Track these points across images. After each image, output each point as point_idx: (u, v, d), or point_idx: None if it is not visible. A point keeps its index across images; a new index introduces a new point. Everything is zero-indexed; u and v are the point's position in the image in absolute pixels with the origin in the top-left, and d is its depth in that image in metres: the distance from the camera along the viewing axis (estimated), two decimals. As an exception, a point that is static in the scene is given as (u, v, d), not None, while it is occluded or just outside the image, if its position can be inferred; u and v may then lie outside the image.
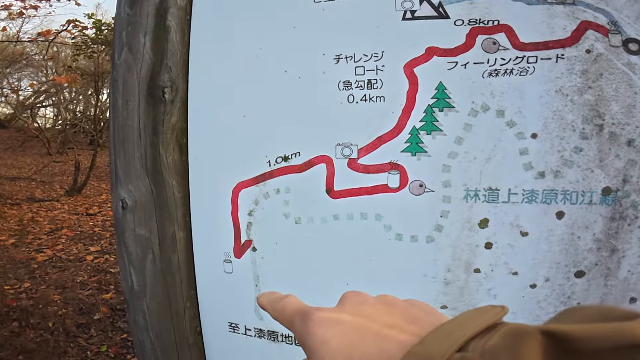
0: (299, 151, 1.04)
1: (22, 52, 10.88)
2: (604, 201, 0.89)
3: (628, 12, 0.88)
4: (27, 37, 9.91)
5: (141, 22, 1.14)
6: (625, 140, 0.88)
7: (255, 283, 1.13)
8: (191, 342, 1.25)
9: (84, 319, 3.36)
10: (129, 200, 1.16)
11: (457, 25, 0.93)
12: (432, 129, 0.95)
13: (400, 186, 0.98)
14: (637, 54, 0.88)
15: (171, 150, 1.16)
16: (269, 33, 1.07)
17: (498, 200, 0.93)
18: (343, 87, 1.00)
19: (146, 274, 1.20)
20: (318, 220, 1.04)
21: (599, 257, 0.91)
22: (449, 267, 0.97)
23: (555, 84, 0.89)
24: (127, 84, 1.15)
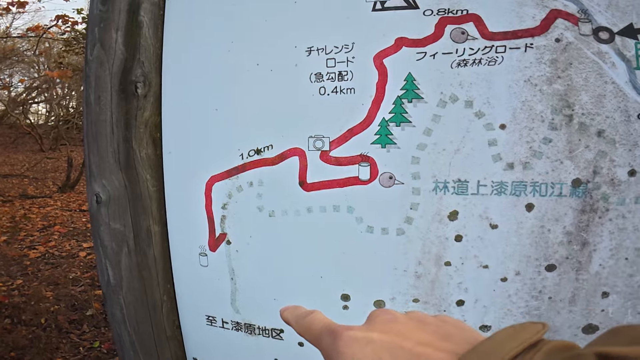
0: (271, 144, 1.04)
1: (12, 48, 10.81)
2: (574, 193, 0.89)
3: (599, 1, 0.87)
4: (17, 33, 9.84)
5: (113, 18, 1.14)
6: (595, 131, 0.87)
7: (231, 276, 1.13)
8: (169, 335, 1.25)
9: (76, 315, 3.35)
10: (103, 194, 1.16)
11: (426, 15, 0.93)
12: (401, 121, 0.94)
13: (370, 178, 0.97)
14: (608, 43, 0.87)
15: (145, 144, 1.15)
16: (241, 26, 1.06)
17: (467, 192, 0.92)
18: (315, 79, 1.00)
19: (122, 268, 1.20)
20: (292, 213, 1.04)
21: (570, 251, 0.91)
22: (419, 260, 0.97)
23: (524, 73, 0.89)
24: (100, 80, 1.15)
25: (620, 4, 0.87)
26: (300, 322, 0.44)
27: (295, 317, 0.46)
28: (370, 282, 1.02)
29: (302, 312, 0.46)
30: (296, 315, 0.46)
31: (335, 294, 1.05)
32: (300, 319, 0.45)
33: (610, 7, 0.87)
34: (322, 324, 0.41)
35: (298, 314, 0.46)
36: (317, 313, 0.44)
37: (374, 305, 1.02)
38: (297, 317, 0.46)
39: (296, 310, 0.47)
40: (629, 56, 0.86)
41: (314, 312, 0.44)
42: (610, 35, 0.87)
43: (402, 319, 0.38)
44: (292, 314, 0.47)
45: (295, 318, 0.46)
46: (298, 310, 0.47)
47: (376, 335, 0.36)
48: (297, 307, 0.48)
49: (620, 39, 0.86)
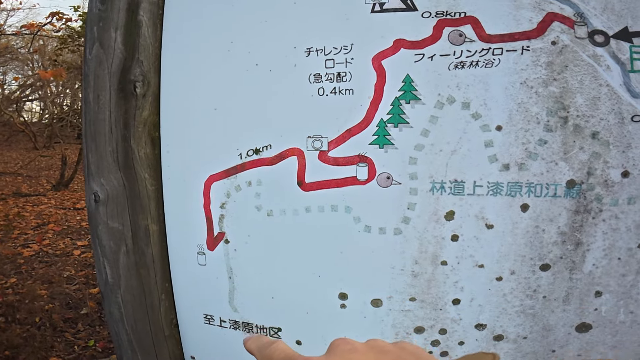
0: (270, 144, 1.05)
1: (6, 45, 10.75)
2: (569, 194, 0.90)
3: (595, 4, 0.88)
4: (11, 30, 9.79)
5: (112, 17, 1.14)
6: (590, 133, 0.89)
7: (229, 275, 1.14)
8: (167, 334, 1.26)
9: (71, 313, 3.34)
10: (101, 193, 1.16)
11: (425, 17, 0.94)
12: (399, 122, 0.95)
13: (368, 178, 0.98)
14: (603, 46, 0.88)
15: (143, 143, 1.16)
16: (241, 27, 1.07)
17: (463, 192, 0.94)
18: (314, 80, 1.01)
19: (120, 267, 1.20)
20: (290, 212, 1.05)
21: (564, 251, 0.93)
22: (416, 260, 0.98)
23: (520, 75, 0.90)
24: (98, 79, 1.15)
25: (616, 8, 0.88)
26: (263, 352, 0.45)
27: (257, 346, 0.46)
28: (368, 281, 1.03)
29: (264, 341, 0.46)
30: (259, 345, 0.46)
31: (332, 293, 1.06)
32: (262, 349, 0.45)
33: (606, 11, 0.88)
34: (283, 355, 0.42)
35: (260, 344, 0.46)
36: (280, 343, 0.45)
37: (371, 304, 1.03)
38: (259, 346, 0.46)
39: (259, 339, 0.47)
40: (624, 59, 0.88)
41: (276, 342, 0.45)
42: (606, 38, 0.88)
43: (361, 349, 0.39)
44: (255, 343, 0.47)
45: (258, 348, 0.46)
46: (261, 340, 0.47)
47: None
48: (260, 336, 0.48)
49: (615, 42, 0.88)
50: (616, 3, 0.88)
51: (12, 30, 9.67)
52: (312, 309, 1.09)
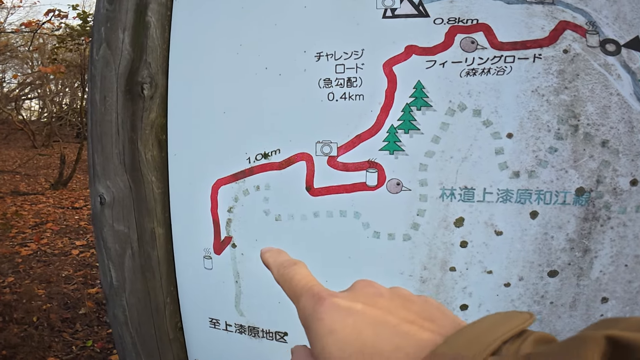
0: (279, 148, 1.04)
1: (6, 43, 10.73)
2: (578, 201, 0.90)
3: (607, 13, 0.88)
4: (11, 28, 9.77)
5: (120, 17, 1.13)
6: (600, 141, 0.89)
7: (236, 279, 1.13)
8: (172, 338, 1.25)
9: (69, 313, 3.33)
10: (107, 196, 1.15)
11: (437, 23, 0.94)
12: (410, 128, 0.95)
13: (378, 184, 0.98)
14: (614, 55, 0.88)
15: (150, 146, 1.15)
16: (250, 29, 1.06)
17: (473, 199, 0.93)
18: (323, 84, 1.01)
19: (125, 270, 1.20)
20: (298, 217, 1.05)
21: (572, 257, 0.93)
22: (425, 265, 0.98)
23: (531, 83, 0.90)
24: (105, 80, 1.14)
25: (628, 17, 0.88)
26: (282, 272, 0.42)
27: (277, 264, 0.44)
28: (375, 286, 1.03)
29: (284, 260, 0.44)
30: (278, 263, 0.44)
31: (339, 299, 1.05)
32: (281, 268, 0.43)
33: (618, 20, 0.88)
34: (304, 282, 0.39)
35: (280, 262, 0.43)
36: (302, 266, 0.42)
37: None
38: (279, 265, 0.43)
39: (279, 256, 0.45)
40: (634, 68, 0.88)
41: (297, 264, 0.42)
42: (617, 47, 0.88)
43: (387, 294, 0.37)
44: (274, 259, 0.45)
45: (276, 265, 0.43)
46: (281, 257, 0.44)
47: (360, 307, 0.34)
48: (280, 252, 0.46)
49: (627, 52, 0.88)
50: (628, 12, 0.88)
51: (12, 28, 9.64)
52: (319, 314, 1.08)
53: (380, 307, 0.34)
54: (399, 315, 0.34)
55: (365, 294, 0.37)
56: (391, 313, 0.34)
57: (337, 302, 0.35)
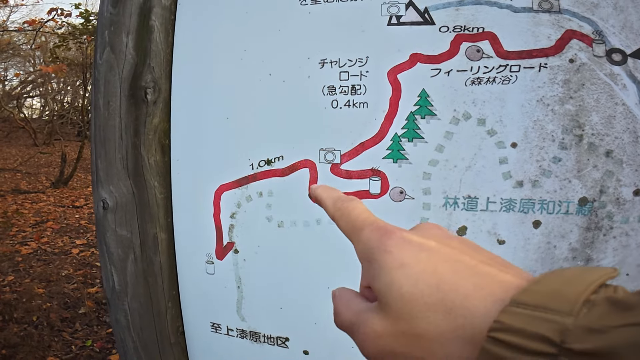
0: (282, 155, 1.04)
1: (9, 41, 10.74)
2: (581, 211, 0.90)
3: (614, 22, 0.88)
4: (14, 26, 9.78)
5: (124, 21, 1.13)
6: (604, 151, 0.89)
7: (238, 285, 1.13)
8: (173, 342, 1.25)
9: (68, 313, 3.33)
10: (110, 200, 1.15)
11: (442, 31, 0.93)
12: (414, 136, 0.95)
13: (381, 192, 0.98)
14: (620, 65, 0.88)
15: (153, 151, 1.15)
16: (254, 35, 1.06)
17: (477, 208, 0.93)
18: (327, 92, 1.00)
19: (127, 274, 1.20)
20: (301, 224, 1.05)
21: (574, 266, 0.93)
22: (428, 274, 0.98)
23: (537, 93, 0.90)
24: (109, 85, 1.14)
25: (635, 26, 0.88)
26: (339, 205, 0.41)
27: (332, 198, 0.42)
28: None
29: (340, 195, 0.42)
30: (334, 197, 0.42)
31: (341, 305, 1.05)
32: (338, 202, 0.41)
33: (625, 29, 0.88)
34: (365, 215, 0.38)
35: (336, 196, 0.42)
36: (359, 202, 0.40)
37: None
38: (335, 198, 0.42)
39: (333, 191, 0.43)
40: (640, 78, 0.88)
41: (354, 200, 0.40)
42: (623, 57, 0.88)
43: (456, 238, 0.35)
44: (327, 193, 0.43)
45: (332, 199, 0.42)
46: (335, 192, 0.43)
47: (433, 244, 0.33)
48: (333, 188, 0.44)
49: (633, 61, 0.88)
50: (635, 21, 0.88)
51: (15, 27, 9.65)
52: (321, 321, 1.08)
53: (454, 247, 0.33)
54: (474, 256, 0.32)
55: (434, 234, 0.35)
56: (466, 253, 0.32)
57: (408, 237, 0.33)
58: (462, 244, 0.34)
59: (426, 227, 0.37)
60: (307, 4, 1.02)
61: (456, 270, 0.31)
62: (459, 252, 0.32)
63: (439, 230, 0.37)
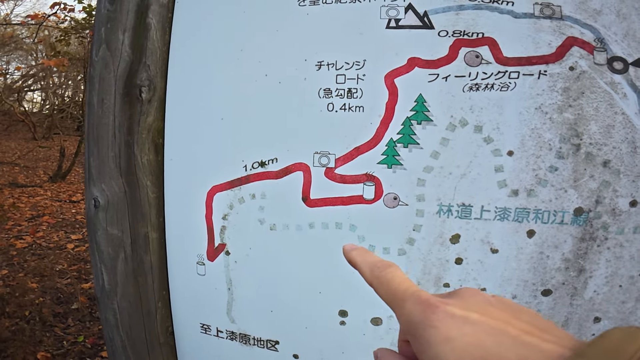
0: (276, 157, 1.03)
1: (12, 34, 10.72)
2: (575, 221, 0.89)
3: (616, 29, 0.87)
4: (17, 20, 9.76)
5: (121, 18, 1.12)
6: (602, 161, 0.88)
7: (228, 286, 1.12)
8: (162, 342, 1.24)
9: (61, 308, 3.32)
10: (101, 199, 1.14)
11: (441, 36, 0.92)
12: (409, 142, 0.94)
13: (375, 198, 0.97)
14: (621, 73, 0.87)
15: (146, 150, 1.14)
16: (252, 35, 1.05)
17: (470, 216, 0.92)
18: (323, 94, 0.99)
19: (117, 273, 1.18)
20: (293, 227, 1.03)
21: (567, 277, 0.91)
22: (419, 281, 0.97)
23: (535, 100, 0.88)
24: (104, 82, 1.13)
25: (638, 34, 0.87)
26: (377, 274, 0.41)
27: (368, 264, 0.42)
28: (369, 299, 1.00)
29: (377, 260, 0.42)
30: (370, 263, 0.42)
31: (333, 310, 1.04)
32: (375, 269, 0.41)
33: (627, 37, 0.87)
34: (405, 286, 0.38)
35: (372, 262, 0.42)
36: (397, 269, 0.41)
37: (371, 322, 1.02)
38: (371, 265, 0.42)
39: (368, 255, 0.44)
40: (641, 87, 0.86)
41: (392, 267, 0.41)
42: (625, 65, 0.87)
43: (496, 304, 0.36)
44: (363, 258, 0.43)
45: (368, 266, 0.42)
46: (371, 257, 0.43)
47: (476, 317, 0.34)
48: (367, 250, 0.45)
49: (634, 70, 0.86)
50: (638, 29, 0.87)
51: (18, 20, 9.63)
52: (311, 324, 1.07)
53: (495, 317, 0.34)
54: (516, 325, 0.33)
55: (475, 302, 0.36)
56: (508, 323, 0.33)
57: (452, 310, 0.34)
58: (503, 310, 0.35)
59: (466, 294, 0.38)
60: (305, 5, 1.01)
61: (500, 342, 0.32)
62: (502, 323, 0.33)
63: (480, 297, 0.37)
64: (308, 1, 1.01)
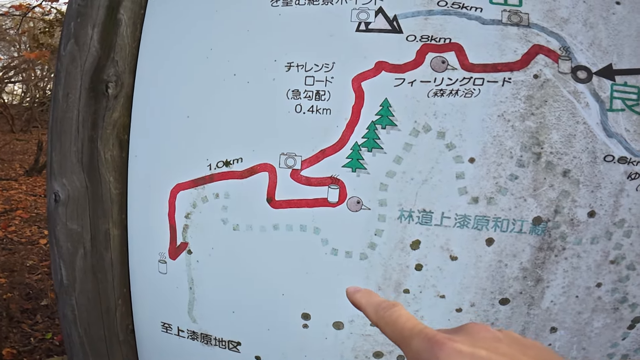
0: (241, 157, 1.02)
1: (-6, 25, 10.53)
2: (534, 231, 0.90)
3: (582, 39, 0.88)
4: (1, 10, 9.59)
5: (91, 14, 1.11)
6: (561, 171, 0.89)
7: (190, 286, 1.11)
8: (122, 340, 1.22)
9: (30, 304, 3.25)
10: (61, 193, 1.12)
11: (409, 40, 0.92)
12: (373, 146, 0.94)
13: (339, 201, 0.97)
14: (584, 82, 0.88)
15: (110, 146, 1.13)
16: (222, 34, 1.04)
17: (431, 222, 0.93)
18: (292, 96, 0.99)
19: (76, 269, 1.17)
20: (257, 228, 1.03)
21: (524, 286, 0.92)
22: (380, 286, 0.97)
23: (498, 108, 0.89)
24: (70, 76, 1.11)
25: (604, 44, 0.88)
26: (381, 314, 0.42)
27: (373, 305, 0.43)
28: (331, 303, 1.01)
29: (381, 301, 0.43)
30: (374, 304, 0.43)
31: (295, 313, 1.04)
32: (380, 310, 0.42)
33: (592, 46, 0.88)
34: (411, 324, 0.39)
35: (376, 303, 0.43)
36: (401, 308, 0.42)
37: (333, 326, 1.01)
38: (375, 306, 0.43)
39: (372, 296, 0.45)
40: (604, 97, 0.87)
41: (397, 306, 0.42)
42: (588, 74, 0.88)
43: (504, 339, 0.37)
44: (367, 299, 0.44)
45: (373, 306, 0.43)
46: (375, 298, 0.44)
47: (484, 353, 0.34)
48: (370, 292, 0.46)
49: (597, 80, 0.88)
50: (604, 38, 0.88)
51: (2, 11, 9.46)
52: (274, 326, 1.07)
53: (503, 353, 0.35)
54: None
55: (483, 338, 0.37)
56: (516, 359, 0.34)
57: (459, 347, 0.34)
58: (510, 345, 0.36)
59: (474, 329, 0.38)
60: (278, 6, 1.01)
61: None
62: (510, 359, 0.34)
63: (487, 333, 0.38)
64: (281, 2, 1.01)
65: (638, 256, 0.92)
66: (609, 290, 0.93)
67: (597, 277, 0.92)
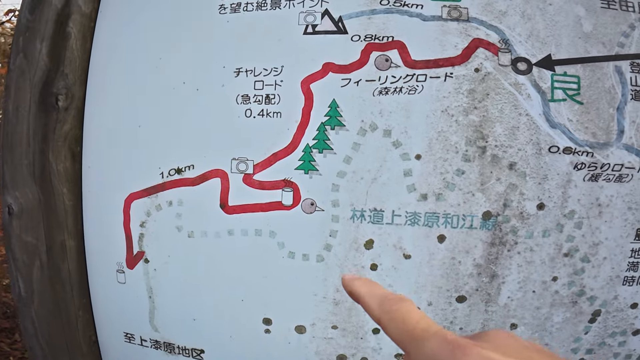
0: (192, 164, 1.02)
1: (-37, 40, 10.37)
2: (484, 226, 0.91)
3: (520, 30, 0.89)
4: (-30, 25, 9.45)
5: (39, 28, 1.10)
6: (507, 164, 0.89)
7: (149, 294, 1.10)
8: (85, 351, 1.21)
9: (8, 323, 3.20)
10: (15, 206, 1.12)
11: (354, 41, 0.93)
12: (324, 148, 0.94)
13: (293, 204, 0.97)
14: (525, 74, 0.89)
15: (62, 157, 1.12)
16: (171, 43, 1.04)
17: (382, 221, 0.93)
18: (242, 101, 0.99)
19: (33, 281, 1.16)
20: (212, 234, 1.02)
21: (480, 283, 0.93)
22: (337, 287, 0.97)
23: (442, 103, 0.90)
24: (19, 91, 1.11)
25: (541, 35, 0.89)
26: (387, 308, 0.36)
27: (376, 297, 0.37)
28: (292, 307, 1.01)
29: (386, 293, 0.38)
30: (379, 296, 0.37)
31: (256, 318, 1.03)
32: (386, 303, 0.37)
33: (531, 37, 0.89)
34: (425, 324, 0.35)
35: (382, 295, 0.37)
36: (412, 304, 0.37)
37: (295, 330, 1.01)
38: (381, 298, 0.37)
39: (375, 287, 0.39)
40: (545, 88, 0.88)
41: (406, 302, 0.37)
42: (529, 66, 0.89)
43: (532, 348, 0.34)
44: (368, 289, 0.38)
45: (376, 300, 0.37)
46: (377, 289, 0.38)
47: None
48: (372, 281, 0.40)
49: (538, 70, 0.89)
50: (542, 30, 0.89)
51: (-30, 26, 9.32)
52: (236, 333, 1.06)
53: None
54: None
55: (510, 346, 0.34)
56: None
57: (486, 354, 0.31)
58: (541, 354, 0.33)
59: (499, 336, 0.35)
60: (225, 13, 1.01)
61: None
62: None
63: (514, 341, 0.35)
64: (229, 9, 1.01)
65: (591, 248, 0.92)
66: (566, 284, 0.93)
67: (552, 271, 0.92)
